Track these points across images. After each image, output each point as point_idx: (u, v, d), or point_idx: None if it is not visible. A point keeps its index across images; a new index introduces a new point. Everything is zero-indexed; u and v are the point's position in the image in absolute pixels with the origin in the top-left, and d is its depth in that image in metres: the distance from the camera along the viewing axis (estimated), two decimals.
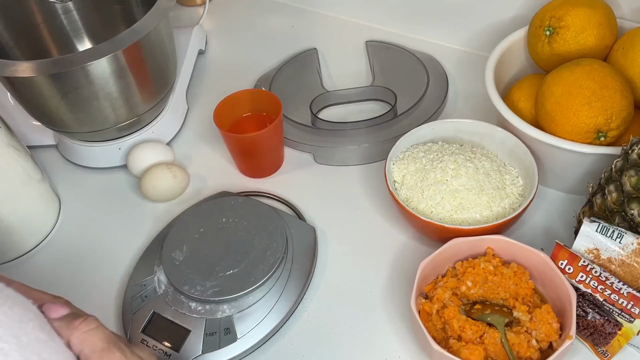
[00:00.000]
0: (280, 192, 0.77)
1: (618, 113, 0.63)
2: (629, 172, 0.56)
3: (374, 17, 0.98)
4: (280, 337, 0.63)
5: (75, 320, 0.42)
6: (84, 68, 0.68)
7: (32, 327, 0.38)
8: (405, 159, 0.70)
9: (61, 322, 0.42)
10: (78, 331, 0.42)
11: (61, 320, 0.42)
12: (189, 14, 1.06)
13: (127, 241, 0.73)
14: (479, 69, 0.75)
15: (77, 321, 0.42)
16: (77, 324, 0.42)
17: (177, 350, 0.60)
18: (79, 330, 0.42)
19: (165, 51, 0.79)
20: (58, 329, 0.42)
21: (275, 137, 0.76)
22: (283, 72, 0.90)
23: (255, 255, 0.64)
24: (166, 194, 0.75)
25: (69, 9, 0.87)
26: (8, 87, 0.74)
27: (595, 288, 0.56)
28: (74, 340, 0.42)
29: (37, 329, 0.38)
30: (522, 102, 0.72)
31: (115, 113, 0.75)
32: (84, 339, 0.42)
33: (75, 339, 0.42)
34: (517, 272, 0.60)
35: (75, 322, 0.42)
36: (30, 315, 0.39)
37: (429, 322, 0.58)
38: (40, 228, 0.75)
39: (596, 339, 0.58)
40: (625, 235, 0.55)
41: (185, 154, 0.83)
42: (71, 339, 0.41)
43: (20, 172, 0.70)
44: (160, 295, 0.64)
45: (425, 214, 0.66)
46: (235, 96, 0.77)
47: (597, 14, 0.68)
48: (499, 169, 0.69)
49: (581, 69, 0.64)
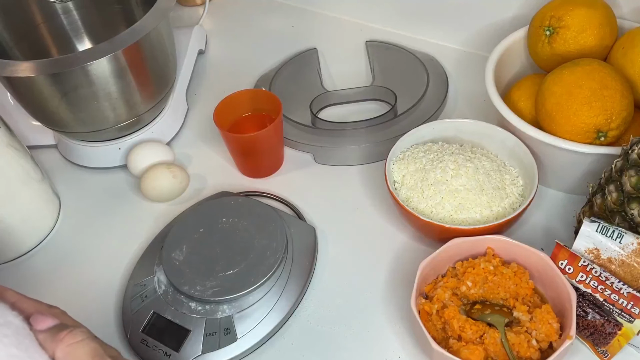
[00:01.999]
0: (280, 192, 0.77)
1: (618, 113, 0.63)
2: (629, 172, 0.56)
3: (374, 17, 0.98)
4: (280, 337, 0.63)
5: (61, 333, 0.40)
6: (84, 68, 0.68)
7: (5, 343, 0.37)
8: (405, 159, 0.70)
9: (47, 334, 0.40)
10: (63, 344, 0.40)
11: (47, 332, 0.40)
12: (189, 14, 1.06)
13: (127, 241, 0.73)
14: (479, 69, 0.75)
15: (62, 333, 0.40)
16: (62, 336, 0.40)
17: (177, 350, 0.60)
18: (63, 343, 0.40)
19: (165, 51, 0.79)
20: (43, 341, 0.40)
21: (275, 137, 0.76)
22: (283, 72, 0.90)
23: (255, 255, 0.64)
24: (166, 194, 0.75)
25: (69, 9, 0.87)
26: (8, 87, 0.74)
27: (595, 288, 0.56)
28: (58, 354, 0.40)
29: (12, 346, 0.37)
30: (522, 102, 0.72)
31: (115, 113, 0.75)
32: (67, 352, 0.40)
33: (59, 352, 0.40)
34: (517, 272, 0.60)
35: (61, 335, 0.40)
36: (6, 332, 0.38)
37: (429, 322, 0.58)
38: (40, 228, 0.75)
39: (596, 339, 0.58)
40: (625, 235, 0.55)
41: (185, 154, 0.83)
42: (56, 352, 0.40)
43: (20, 172, 0.70)
44: (160, 295, 0.64)
45: (425, 214, 0.66)
46: (235, 96, 0.77)
47: (597, 14, 0.68)
48: (499, 169, 0.69)
49: (581, 69, 0.64)
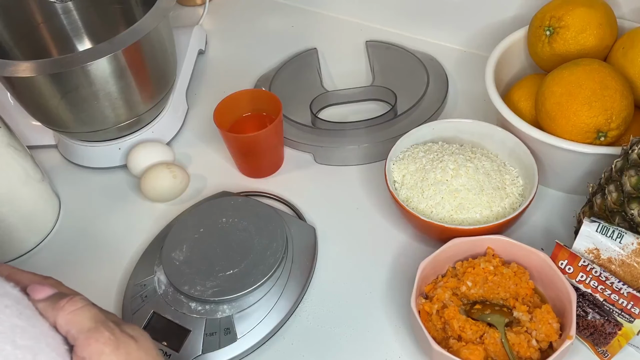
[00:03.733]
0: (280, 192, 0.77)
1: (618, 113, 0.63)
2: (629, 172, 0.56)
3: (374, 17, 0.98)
4: (280, 337, 0.63)
5: (61, 300, 0.40)
6: (84, 68, 0.68)
7: (7, 314, 0.37)
8: (405, 159, 0.70)
9: (46, 303, 0.40)
10: (64, 311, 0.40)
11: (46, 301, 0.40)
12: (189, 14, 1.06)
13: (127, 241, 0.73)
14: (479, 69, 0.75)
15: (62, 301, 0.40)
16: (62, 304, 0.40)
17: (177, 350, 0.60)
18: (64, 310, 0.40)
19: (165, 51, 0.79)
20: (43, 310, 0.40)
21: (275, 137, 0.76)
22: (283, 72, 0.90)
23: (255, 255, 0.64)
24: (166, 194, 0.75)
25: (69, 9, 0.87)
26: (8, 87, 0.74)
27: (595, 288, 0.56)
28: (60, 321, 0.40)
29: (14, 316, 0.37)
30: (522, 102, 0.72)
31: (115, 113, 0.75)
32: (69, 319, 0.40)
33: (61, 319, 0.40)
34: (517, 272, 0.60)
35: (61, 302, 0.40)
36: (7, 302, 0.38)
37: (429, 322, 0.58)
38: (40, 228, 0.75)
39: (596, 339, 0.58)
40: (625, 235, 0.55)
41: (185, 154, 0.83)
42: (57, 320, 0.40)
43: (20, 172, 0.70)
44: (160, 295, 0.64)
45: (425, 214, 0.66)
46: (235, 96, 0.77)
47: (597, 14, 0.68)
48: (499, 169, 0.69)
49: (581, 69, 0.64)
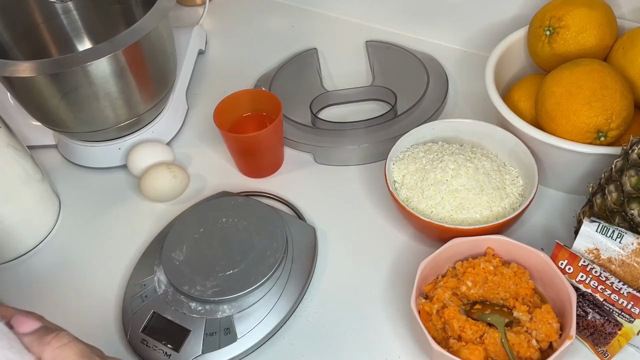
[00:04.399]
0: (280, 192, 0.77)
1: (618, 113, 0.63)
2: (629, 172, 0.56)
3: (374, 17, 0.98)
4: (280, 337, 0.63)
5: (47, 336, 0.40)
6: (84, 68, 0.68)
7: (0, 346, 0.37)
8: (405, 159, 0.70)
9: (32, 338, 0.40)
10: (50, 347, 0.40)
11: (32, 335, 0.40)
12: (189, 14, 1.06)
13: (127, 241, 0.73)
14: (479, 69, 0.75)
15: (48, 336, 0.40)
16: (48, 340, 0.40)
17: (177, 350, 0.60)
18: (51, 346, 0.40)
19: (165, 51, 0.79)
20: (29, 345, 0.40)
21: (275, 137, 0.76)
22: (283, 72, 0.90)
23: (255, 255, 0.64)
24: (166, 194, 0.75)
25: (69, 9, 0.87)
26: (8, 87, 0.74)
27: (595, 288, 0.56)
28: (46, 357, 0.40)
29: (6, 348, 0.37)
30: (522, 102, 0.72)
31: (115, 113, 0.75)
32: (56, 354, 0.40)
33: (47, 355, 0.40)
34: (517, 272, 0.60)
35: (47, 338, 0.40)
36: None
37: (429, 322, 0.58)
38: (40, 228, 0.75)
39: (596, 339, 0.58)
40: (625, 235, 0.55)
41: (185, 154, 0.83)
42: (43, 356, 0.40)
43: (20, 172, 0.70)
44: (160, 295, 0.64)
45: (425, 214, 0.66)
46: (235, 96, 0.77)
47: (597, 14, 0.68)
48: (499, 169, 0.69)
49: (581, 69, 0.64)
